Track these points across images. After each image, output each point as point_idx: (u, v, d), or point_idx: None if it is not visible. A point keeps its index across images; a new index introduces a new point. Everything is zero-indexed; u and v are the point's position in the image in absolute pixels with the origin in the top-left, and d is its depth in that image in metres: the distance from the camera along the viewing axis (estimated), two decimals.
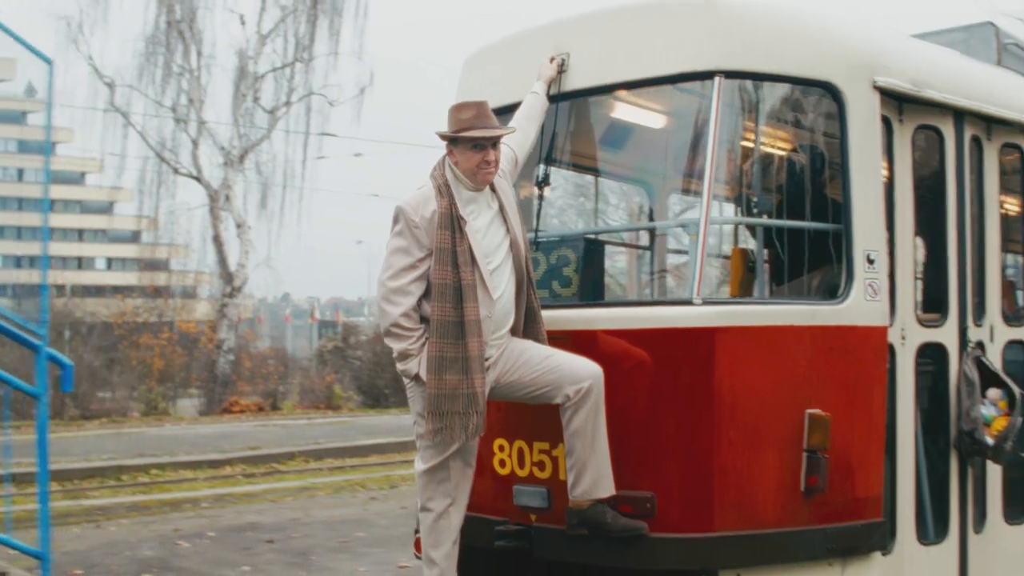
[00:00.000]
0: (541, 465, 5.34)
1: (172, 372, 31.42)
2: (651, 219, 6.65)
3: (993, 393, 5.81)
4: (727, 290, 5.96)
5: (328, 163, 59.43)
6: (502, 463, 5.50)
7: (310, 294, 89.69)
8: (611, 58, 5.48)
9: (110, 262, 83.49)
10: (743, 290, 5.68)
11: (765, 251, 5.60)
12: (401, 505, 12.10)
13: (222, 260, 33.17)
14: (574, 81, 5.56)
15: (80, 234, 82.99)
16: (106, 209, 62.48)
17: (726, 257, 5.93)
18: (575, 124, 5.79)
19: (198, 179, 32.85)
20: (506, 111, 5.68)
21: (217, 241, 32.97)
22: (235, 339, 33.43)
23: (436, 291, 4.80)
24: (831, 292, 5.43)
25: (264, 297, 60.54)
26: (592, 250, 5.57)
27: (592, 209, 6.45)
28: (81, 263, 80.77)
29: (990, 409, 5.78)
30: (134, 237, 37.02)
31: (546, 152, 5.68)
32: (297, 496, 13.32)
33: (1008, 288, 6.68)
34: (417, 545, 5.75)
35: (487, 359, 4.88)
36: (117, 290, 41.72)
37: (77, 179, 76.33)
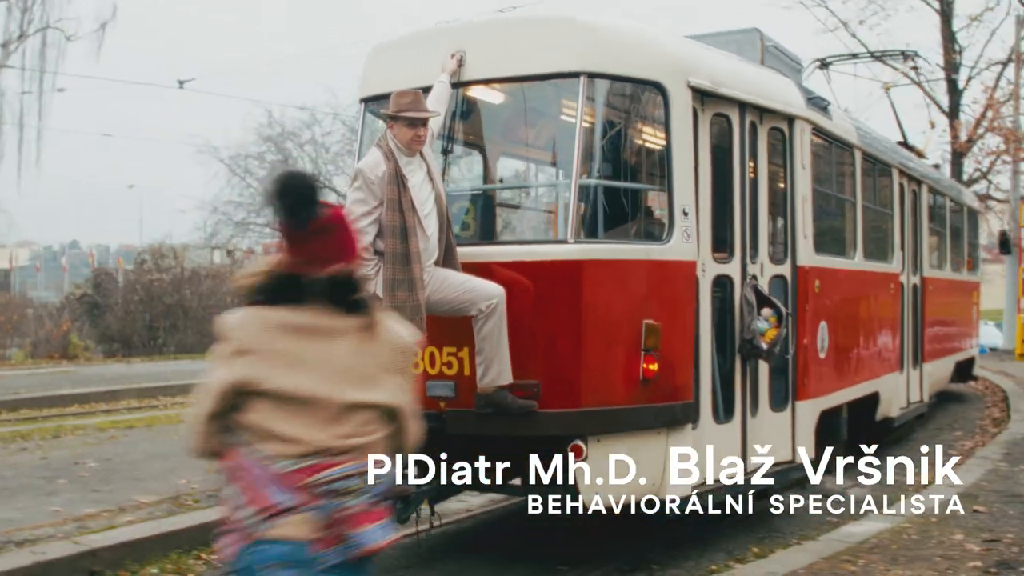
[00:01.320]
0: (449, 365, 7.33)
1: None
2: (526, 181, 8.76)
3: (766, 311, 8.25)
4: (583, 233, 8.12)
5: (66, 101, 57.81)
6: (415, 364, 7.46)
7: (100, 241, 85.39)
8: (500, 58, 7.47)
9: None
10: (590, 233, 7.82)
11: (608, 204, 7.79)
12: (43, 456, 11.68)
13: None
14: (470, 73, 7.52)
15: None
16: None
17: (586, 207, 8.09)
18: (470, 107, 7.78)
19: None
20: None
21: None
22: None
23: (388, 231, 6.69)
24: (650, 236, 7.68)
25: (50, 245, 58.31)
26: (486, 202, 7.60)
27: (482, 172, 8.45)
28: None
29: (764, 323, 8.23)
30: None
31: (448, 128, 7.66)
32: None
33: (772, 236, 9.13)
34: None
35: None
36: None
37: None
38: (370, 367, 3.55)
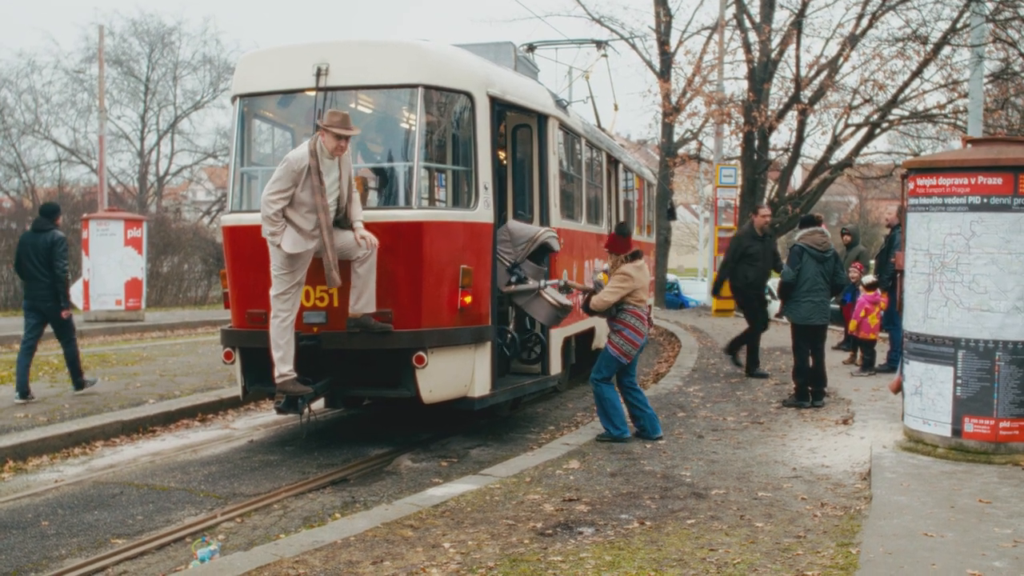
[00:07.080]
0: (322, 299, 10.48)
1: None
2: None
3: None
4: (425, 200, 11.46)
5: None
6: None
7: None
8: (357, 70, 10.67)
9: None
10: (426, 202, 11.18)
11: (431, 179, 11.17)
12: None
13: None
14: (333, 80, 10.66)
15: None
16: None
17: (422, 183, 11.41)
18: (333, 108, 10.93)
19: None
20: (274, 94, 10.79)
21: None
22: None
23: (308, 207, 9.71)
24: (463, 203, 11.12)
25: None
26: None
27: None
28: None
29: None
30: None
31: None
32: None
33: (533, 204, 12.74)
34: (227, 355, 10.75)
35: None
36: None
37: None
38: None
